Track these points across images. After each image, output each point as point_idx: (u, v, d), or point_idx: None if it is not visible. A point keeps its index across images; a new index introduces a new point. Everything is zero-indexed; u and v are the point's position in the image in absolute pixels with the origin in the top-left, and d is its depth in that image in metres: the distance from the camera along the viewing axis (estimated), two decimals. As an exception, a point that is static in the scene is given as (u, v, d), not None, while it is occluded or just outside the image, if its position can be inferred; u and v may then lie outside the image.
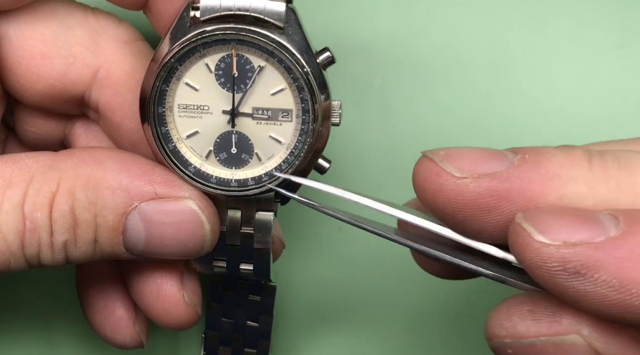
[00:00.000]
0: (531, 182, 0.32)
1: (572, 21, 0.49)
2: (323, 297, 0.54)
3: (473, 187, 0.32)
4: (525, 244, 0.30)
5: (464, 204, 0.33)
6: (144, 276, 0.44)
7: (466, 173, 0.33)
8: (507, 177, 0.32)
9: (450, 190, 0.33)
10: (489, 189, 0.32)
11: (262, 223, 0.43)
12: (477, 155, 0.33)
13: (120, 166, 0.40)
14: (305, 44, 0.39)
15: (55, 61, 0.42)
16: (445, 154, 0.33)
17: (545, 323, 0.31)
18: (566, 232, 0.30)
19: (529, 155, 0.33)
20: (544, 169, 0.32)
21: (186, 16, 0.40)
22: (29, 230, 0.39)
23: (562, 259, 0.29)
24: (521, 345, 0.31)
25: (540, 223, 0.30)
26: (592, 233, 0.29)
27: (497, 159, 0.33)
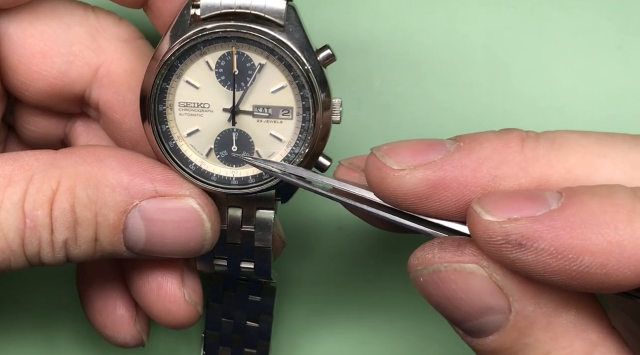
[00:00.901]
0: (463, 168, 0.34)
1: (572, 21, 0.49)
2: (323, 297, 0.54)
3: (409, 179, 0.34)
4: (475, 223, 0.32)
5: (404, 194, 0.35)
6: (145, 275, 0.44)
7: (404, 165, 0.34)
8: (440, 166, 0.34)
9: (391, 183, 0.35)
10: (423, 179, 0.34)
11: (262, 221, 0.43)
12: (416, 147, 0.35)
13: (120, 164, 0.40)
14: (305, 42, 0.39)
15: (56, 59, 0.42)
16: (388, 148, 0.35)
17: (450, 251, 0.33)
18: (510, 210, 0.32)
19: (463, 143, 0.35)
20: (475, 155, 0.34)
21: (186, 14, 0.40)
22: (30, 228, 0.39)
23: (504, 233, 0.31)
24: (428, 272, 0.34)
25: (488, 204, 0.32)
26: (534, 209, 0.31)
27: (435, 149, 0.35)
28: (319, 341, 0.54)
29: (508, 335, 0.33)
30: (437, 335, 0.53)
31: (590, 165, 0.33)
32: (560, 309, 0.33)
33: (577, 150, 0.33)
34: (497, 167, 0.34)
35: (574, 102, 0.49)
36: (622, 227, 0.30)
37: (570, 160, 0.33)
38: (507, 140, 0.34)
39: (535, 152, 0.34)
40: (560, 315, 0.32)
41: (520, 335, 0.33)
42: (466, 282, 0.33)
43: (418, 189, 0.34)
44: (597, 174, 0.33)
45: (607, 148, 0.33)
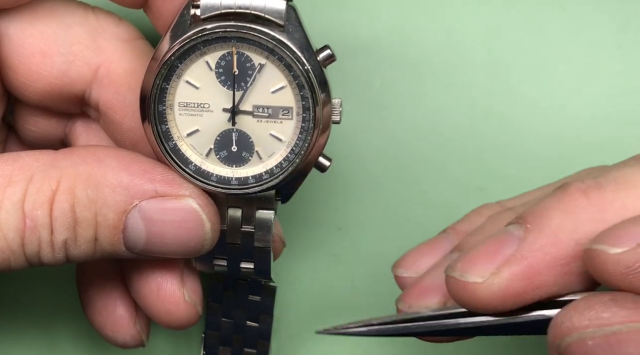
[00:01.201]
0: (544, 248, 0.33)
1: (572, 21, 0.49)
2: (323, 297, 0.54)
3: (498, 283, 0.33)
4: (604, 261, 0.30)
5: (502, 300, 0.33)
6: (145, 275, 0.44)
7: (486, 273, 0.33)
8: (521, 256, 0.33)
9: (483, 295, 0.33)
10: (512, 278, 0.33)
11: (262, 221, 0.43)
12: (487, 250, 0.34)
13: (120, 164, 0.40)
14: (305, 42, 0.39)
15: (56, 59, 0.42)
16: (462, 265, 0.34)
17: (631, 309, 0.30)
18: (635, 234, 0.30)
19: (530, 225, 0.33)
20: (548, 229, 0.33)
21: (186, 14, 0.40)
22: (29, 228, 0.39)
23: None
24: (604, 334, 0.30)
25: (609, 239, 0.31)
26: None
27: (506, 243, 0.34)
28: (319, 341, 0.54)
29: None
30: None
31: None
32: None
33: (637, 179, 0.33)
34: (575, 231, 0.33)
35: (574, 102, 0.49)
36: None
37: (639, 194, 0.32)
38: (571, 200, 0.33)
39: (605, 199, 0.33)
40: None
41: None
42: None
43: (512, 288, 0.33)
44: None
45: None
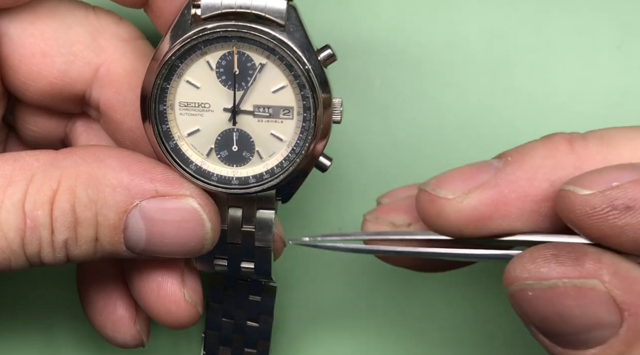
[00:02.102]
0: (519, 180, 0.34)
1: (572, 21, 0.49)
2: (323, 297, 0.54)
3: (467, 203, 0.34)
4: (572, 201, 0.32)
5: (465, 220, 0.34)
6: (145, 275, 0.44)
7: (458, 192, 0.34)
8: (495, 183, 0.34)
9: (449, 212, 0.34)
10: (481, 200, 0.34)
11: (263, 221, 0.43)
12: (465, 173, 0.35)
13: (121, 164, 0.40)
14: (306, 42, 0.39)
15: (56, 59, 0.42)
16: (436, 181, 0.35)
17: (569, 266, 0.32)
18: (607, 180, 0.31)
19: (511, 157, 0.34)
20: (527, 165, 0.34)
21: (187, 14, 0.40)
22: (30, 228, 0.39)
23: (609, 200, 0.31)
24: (542, 287, 0.32)
25: (582, 182, 0.32)
26: (631, 174, 0.31)
27: (483, 170, 0.35)
28: (319, 341, 0.54)
29: (614, 349, 0.32)
30: (437, 335, 0.53)
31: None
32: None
33: (627, 143, 0.33)
34: (553, 172, 0.33)
35: (574, 102, 0.49)
36: None
37: (623, 154, 0.33)
38: (555, 145, 0.34)
39: (587, 150, 0.33)
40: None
41: (627, 348, 0.32)
42: (584, 298, 0.32)
43: (478, 210, 0.34)
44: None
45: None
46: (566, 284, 0.32)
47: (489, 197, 0.34)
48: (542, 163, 0.34)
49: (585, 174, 0.32)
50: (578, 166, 0.33)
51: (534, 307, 0.33)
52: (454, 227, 0.35)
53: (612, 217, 0.31)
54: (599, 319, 0.32)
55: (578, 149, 0.34)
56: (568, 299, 0.32)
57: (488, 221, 0.34)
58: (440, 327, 0.53)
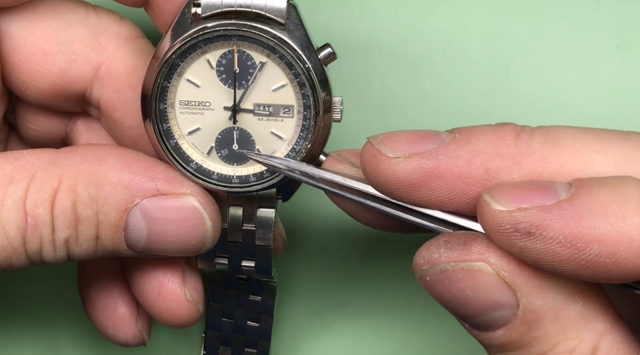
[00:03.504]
0: (458, 159, 0.34)
1: (572, 21, 0.49)
2: (323, 296, 0.54)
3: (403, 166, 0.35)
4: (485, 212, 0.33)
5: (397, 182, 0.35)
6: (146, 273, 0.44)
7: (399, 153, 0.35)
8: (435, 155, 0.34)
9: (385, 170, 0.35)
10: (417, 167, 0.35)
11: (263, 220, 0.43)
12: (413, 137, 0.36)
13: (121, 163, 0.40)
14: (306, 40, 0.39)
15: (57, 58, 0.42)
16: (384, 137, 0.36)
17: (456, 250, 0.33)
18: (520, 200, 0.32)
19: (459, 135, 0.35)
20: (470, 147, 0.34)
21: (187, 13, 0.40)
22: (31, 226, 0.39)
23: (513, 221, 0.32)
24: (435, 271, 0.34)
25: (498, 194, 0.33)
26: (544, 199, 0.32)
27: (430, 139, 0.35)
28: (319, 341, 0.54)
29: (516, 329, 0.33)
30: (437, 334, 0.53)
31: (583, 160, 0.34)
32: (567, 301, 0.33)
33: (571, 145, 0.34)
34: (491, 160, 0.34)
35: (574, 102, 0.49)
36: (630, 217, 0.30)
37: (563, 155, 0.34)
38: (502, 134, 0.34)
39: (529, 146, 0.34)
40: (568, 308, 0.33)
41: (529, 328, 0.33)
42: (474, 280, 0.33)
43: (411, 177, 0.35)
44: (590, 168, 0.33)
45: (600, 143, 0.34)
46: (454, 267, 0.33)
47: (425, 167, 0.34)
48: (484, 149, 0.34)
49: (502, 187, 0.33)
50: (517, 160, 0.34)
51: (434, 292, 0.34)
52: (384, 186, 0.36)
53: (514, 238, 0.32)
54: (493, 300, 0.33)
55: (521, 143, 0.34)
56: (458, 281, 0.33)
57: (418, 189, 0.35)
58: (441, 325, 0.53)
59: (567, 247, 0.31)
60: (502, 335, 0.33)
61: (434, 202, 0.35)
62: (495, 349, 0.34)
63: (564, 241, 0.31)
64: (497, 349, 0.34)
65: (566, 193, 0.32)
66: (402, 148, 0.35)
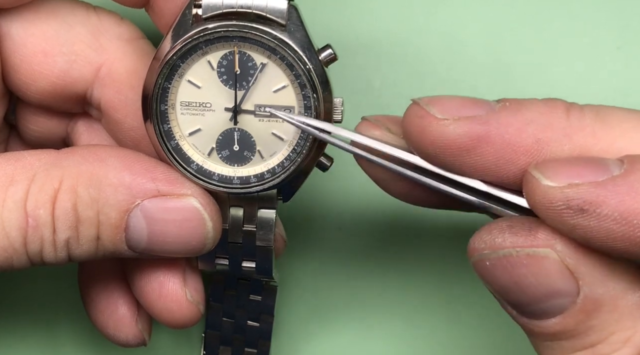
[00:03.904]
0: (509, 126, 0.34)
1: (572, 22, 0.49)
2: (323, 297, 0.54)
3: (453, 129, 0.34)
4: (534, 189, 0.32)
5: (445, 145, 0.34)
6: (147, 274, 0.44)
7: (448, 115, 0.34)
8: (486, 120, 0.34)
9: (432, 132, 0.34)
10: (468, 131, 0.34)
11: (264, 221, 0.43)
12: (461, 101, 0.35)
13: (122, 164, 0.40)
14: (307, 41, 0.40)
15: (57, 59, 0.42)
16: (431, 99, 0.35)
17: (522, 236, 0.33)
18: (572, 175, 0.32)
19: (509, 103, 0.35)
20: (521, 115, 0.34)
21: (188, 14, 0.40)
22: (32, 227, 0.39)
23: (565, 198, 0.31)
24: (498, 256, 0.33)
25: (548, 170, 0.32)
26: (596, 174, 0.31)
27: (479, 105, 0.35)
28: (319, 341, 0.54)
29: (573, 318, 0.33)
30: (437, 335, 0.53)
31: (633, 139, 0.33)
32: (626, 290, 0.32)
33: (621, 125, 0.33)
34: (542, 131, 0.33)
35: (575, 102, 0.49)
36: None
37: (613, 133, 0.33)
38: (553, 107, 0.34)
39: (581, 121, 0.34)
40: (626, 297, 0.32)
41: (587, 317, 0.32)
42: (538, 267, 0.33)
43: (461, 140, 0.34)
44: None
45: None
46: (519, 253, 0.33)
47: (475, 132, 0.34)
48: (535, 119, 0.34)
49: (552, 162, 0.33)
50: (568, 133, 0.33)
51: (493, 277, 0.34)
52: (430, 148, 0.35)
53: (565, 215, 0.31)
54: (554, 288, 0.32)
55: (573, 117, 0.34)
56: (522, 267, 0.33)
57: (465, 154, 0.34)
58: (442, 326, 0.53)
59: (622, 224, 0.30)
60: (556, 324, 0.33)
61: (479, 170, 0.35)
62: (547, 337, 0.34)
63: (619, 218, 0.30)
64: (549, 337, 0.34)
65: (619, 169, 0.31)
66: (451, 110, 0.34)
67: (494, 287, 0.34)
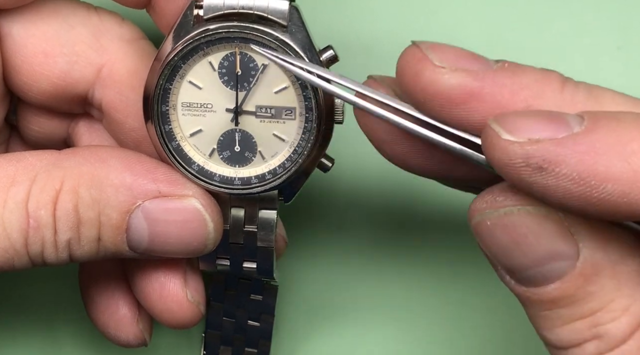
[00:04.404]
0: (503, 87, 0.33)
1: (572, 22, 0.49)
2: (323, 297, 0.54)
3: (447, 78, 0.33)
4: (493, 143, 0.31)
5: (436, 93, 0.33)
6: (147, 275, 0.44)
7: (445, 64, 0.33)
8: (482, 76, 0.33)
9: (427, 77, 0.34)
10: (461, 83, 0.33)
11: (265, 221, 0.44)
12: (461, 53, 0.34)
13: (123, 164, 0.40)
14: (308, 42, 0.40)
15: (58, 59, 0.42)
16: (433, 44, 0.34)
17: (523, 194, 0.32)
18: (531, 131, 0.31)
19: (508, 65, 0.34)
20: (517, 79, 0.33)
21: (189, 14, 0.40)
22: (33, 228, 0.39)
23: (525, 155, 0.30)
24: (498, 214, 0.33)
25: (508, 123, 0.31)
26: (556, 131, 0.30)
27: (479, 61, 0.34)
28: (319, 341, 0.54)
29: (573, 283, 0.32)
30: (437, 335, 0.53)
31: None
32: (625, 257, 0.32)
33: (613, 107, 0.33)
34: (535, 98, 0.33)
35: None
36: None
37: None
38: (549, 77, 0.33)
39: (573, 97, 0.33)
40: (626, 263, 0.32)
41: (586, 282, 0.32)
42: (539, 225, 0.32)
43: (452, 92, 0.33)
44: None
45: None
46: (520, 210, 0.32)
47: (469, 86, 0.33)
48: (530, 85, 0.33)
49: (512, 115, 0.32)
50: (559, 106, 0.33)
51: (492, 237, 0.33)
52: (420, 93, 0.34)
53: (523, 173, 0.31)
54: (554, 249, 0.32)
55: (567, 92, 0.33)
56: (522, 226, 0.32)
57: (454, 106, 0.33)
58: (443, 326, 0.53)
59: (579, 185, 0.30)
60: (555, 290, 0.32)
61: (463, 123, 0.34)
62: (545, 305, 0.33)
63: (578, 178, 0.30)
64: (548, 305, 0.33)
65: (579, 126, 0.30)
66: (450, 60, 0.34)
67: (493, 249, 0.34)
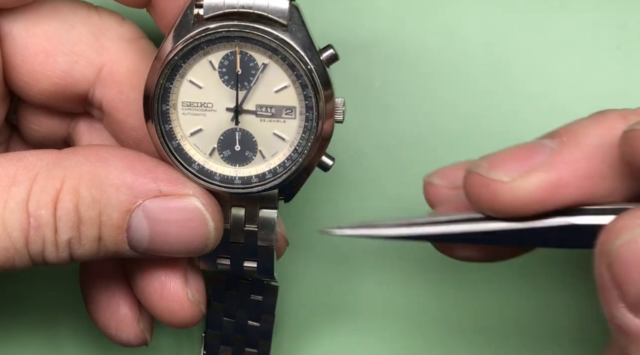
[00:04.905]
0: (577, 161, 0.33)
1: (571, 21, 0.49)
2: (324, 297, 0.54)
3: (525, 186, 0.33)
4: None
5: (523, 204, 0.33)
6: (148, 274, 0.44)
7: (514, 174, 0.33)
8: (552, 166, 0.33)
9: (505, 196, 0.33)
10: (539, 182, 0.33)
11: (265, 221, 0.44)
12: (518, 154, 0.34)
13: (124, 164, 0.40)
14: (308, 41, 0.40)
15: (59, 59, 0.42)
16: (488, 163, 0.34)
17: None
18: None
19: (566, 138, 0.33)
20: (584, 145, 0.33)
21: (190, 14, 0.40)
22: (33, 227, 0.39)
23: None
24: None
25: None
26: None
27: (538, 151, 0.34)
28: (319, 341, 0.54)
29: None
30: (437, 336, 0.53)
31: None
32: None
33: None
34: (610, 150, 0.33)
35: (574, 102, 0.49)
36: None
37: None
38: (610, 122, 0.33)
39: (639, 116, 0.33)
40: None
41: None
42: None
43: (537, 194, 0.33)
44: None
45: None
46: None
47: (548, 180, 0.33)
48: (599, 142, 0.33)
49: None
50: None
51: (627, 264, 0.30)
52: (509, 212, 0.33)
53: None
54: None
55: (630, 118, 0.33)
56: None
57: (545, 204, 0.33)
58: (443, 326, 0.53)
59: None
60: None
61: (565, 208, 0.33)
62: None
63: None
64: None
65: None
66: (514, 168, 0.33)
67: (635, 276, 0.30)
